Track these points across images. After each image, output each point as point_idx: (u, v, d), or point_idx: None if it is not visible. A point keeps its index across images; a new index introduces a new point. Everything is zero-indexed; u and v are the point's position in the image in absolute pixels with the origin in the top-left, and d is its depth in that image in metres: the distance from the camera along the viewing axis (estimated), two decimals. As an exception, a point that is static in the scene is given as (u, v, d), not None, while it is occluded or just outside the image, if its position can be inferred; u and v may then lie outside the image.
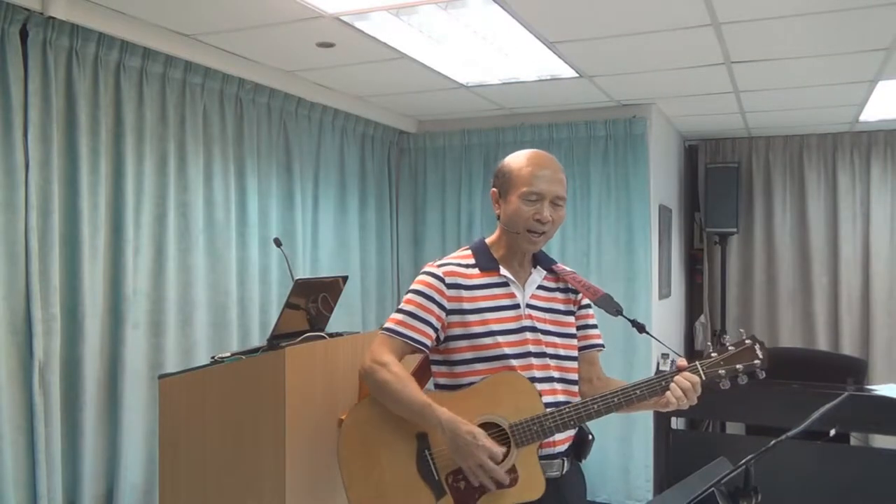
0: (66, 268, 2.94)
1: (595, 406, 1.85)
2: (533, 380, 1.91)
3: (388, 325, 1.96)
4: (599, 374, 2.11)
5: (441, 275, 1.97)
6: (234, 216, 3.77)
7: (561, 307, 2.05)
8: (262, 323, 3.88)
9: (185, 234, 3.48)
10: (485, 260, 2.01)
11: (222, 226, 3.69)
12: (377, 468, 1.92)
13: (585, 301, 2.11)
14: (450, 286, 1.95)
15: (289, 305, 2.82)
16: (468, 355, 1.94)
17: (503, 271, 2.00)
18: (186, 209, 3.49)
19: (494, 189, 2.01)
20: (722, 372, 1.84)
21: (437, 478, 1.88)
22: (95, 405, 3.04)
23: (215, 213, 3.66)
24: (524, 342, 1.95)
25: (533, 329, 1.97)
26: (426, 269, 2.01)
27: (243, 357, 2.67)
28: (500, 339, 1.93)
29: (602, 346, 2.13)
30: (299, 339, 2.72)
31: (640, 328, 2.06)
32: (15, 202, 2.75)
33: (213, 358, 2.75)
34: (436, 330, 1.95)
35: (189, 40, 3.31)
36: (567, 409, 1.86)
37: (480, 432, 1.80)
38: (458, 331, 1.95)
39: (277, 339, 2.75)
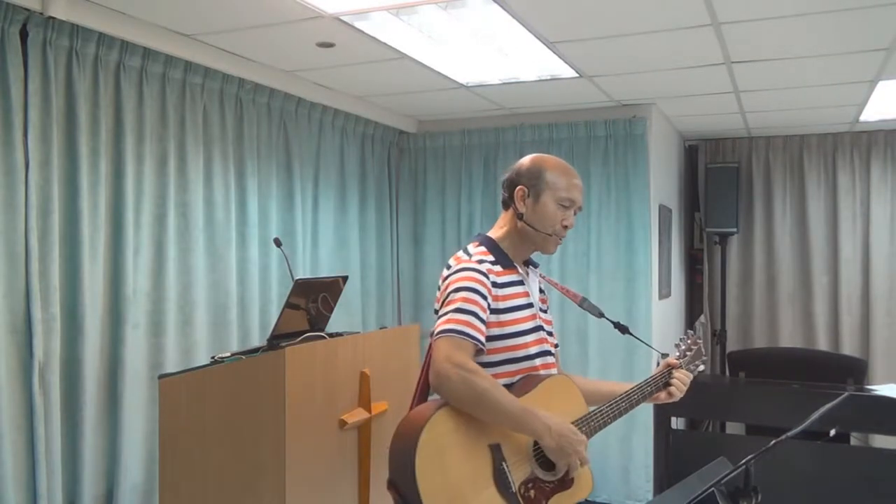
0: (66, 268, 2.94)
1: (623, 404, 2.02)
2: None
3: (453, 326, 1.80)
4: (560, 369, 2.18)
5: (486, 272, 1.89)
6: (234, 216, 3.77)
7: (545, 306, 2.12)
8: (262, 323, 3.88)
9: (185, 234, 3.48)
10: (501, 257, 1.97)
11: (222, 226, 3.69)
12: (455, 484, 1.74)
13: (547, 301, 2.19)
14: (493, 285, 1.90)
15: (289, 305, 2.82)
16: (499, 357, 1.91)
17: (520, 269, 2.00)
18: (186, 209, 3.49)
19: (523, 187, 1.97)
20: (691, 367, 2.21)
21: (513, 490, 1.80)
22: (95, 405, 3.04)
23: (215, 213, 3.66)
24: (540, 341, 1.98)
25: (542, 328, 2.01)
26: (467, 265, 1.90)
27: (243, 357, 2.67)
28: (526, 338, 1.94)
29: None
30: (299, 339, 2.72)
31: (623, 329, 2.22)
32: (15, 202, 2.75)
33: (213, 358, 2.75)
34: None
35: (189, 40, 3.31)
36: (605, 409, 1.99)
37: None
38: (494, 331, 1.89)
39: (277, 339, 2.76)
